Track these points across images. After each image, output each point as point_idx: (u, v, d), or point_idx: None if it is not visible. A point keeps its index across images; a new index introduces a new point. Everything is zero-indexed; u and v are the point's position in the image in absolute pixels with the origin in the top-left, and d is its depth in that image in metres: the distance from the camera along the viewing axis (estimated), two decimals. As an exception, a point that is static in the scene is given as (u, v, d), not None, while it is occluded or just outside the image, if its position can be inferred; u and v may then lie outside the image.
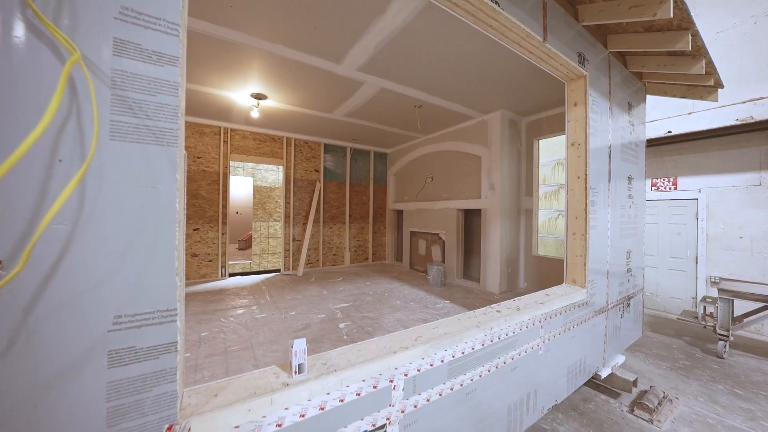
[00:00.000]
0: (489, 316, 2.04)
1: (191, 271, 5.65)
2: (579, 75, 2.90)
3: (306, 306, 4.27)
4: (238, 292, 4.96)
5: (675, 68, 3.25)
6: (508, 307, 2.25)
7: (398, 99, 4.60)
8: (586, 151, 2.89)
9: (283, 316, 3.85)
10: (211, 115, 5.46)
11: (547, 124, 5.13)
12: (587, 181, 2.87)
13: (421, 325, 1.77)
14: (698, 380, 3.60)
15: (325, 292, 5.05)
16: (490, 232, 5.18)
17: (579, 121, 2.95)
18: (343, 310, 4.10)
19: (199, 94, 4.47)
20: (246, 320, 3.67)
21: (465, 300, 4.70)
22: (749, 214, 5.05)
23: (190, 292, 4.88)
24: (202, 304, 4.22)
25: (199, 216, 5.73)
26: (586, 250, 2.87)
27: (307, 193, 7.05)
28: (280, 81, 4.05)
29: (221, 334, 3.21)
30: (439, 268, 5.48)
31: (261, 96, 4.55)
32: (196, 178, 5.70)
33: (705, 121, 5.43)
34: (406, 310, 4.17)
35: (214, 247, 5.88)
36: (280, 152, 6.68)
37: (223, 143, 5.98)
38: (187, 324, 3.47)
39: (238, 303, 4.36)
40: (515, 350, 2.12)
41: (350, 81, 3.99)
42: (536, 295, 2.63)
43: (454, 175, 6.09)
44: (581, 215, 2.92)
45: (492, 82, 4.03)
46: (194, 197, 5.69)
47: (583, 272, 2.90)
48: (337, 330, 3.39)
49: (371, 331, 3.38)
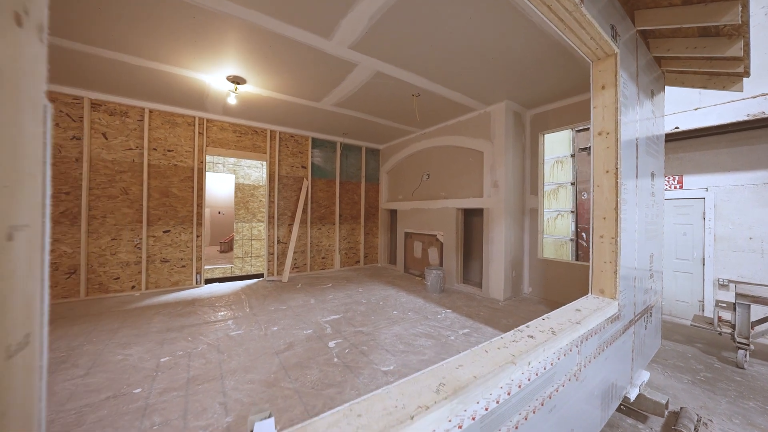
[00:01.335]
0: (522, 346, 1.59)
1: (161, 278, 5.01)
2: (609, 53, 2.50)
3: (290, 319, 3.74)
4: (213, 303, 4.38)
5: (707, 51, 2.90)
6: (541, 330, 1.81)
7: (395, 86, 4.13)
8: (616, 141, 2.48)
9: (263, 332, 3.32)
10: (183, 103, 4.84)
11: (553, 117, 4.77)
12: (618, 175, 2.47)
13: (441, 365, 1.30)
14: (725, 396, 3.27)
15: (313, 301, 4.52)
16: (493, 233, 4.78)
17: (608, 107, 2.55)
18: (334, 324, 3.60)
19: (166, 75, 3.87)
20: (219, 339, 3.12)
21: (468, 308, 4.27)
22: (759, 213, 4.85)
23: (157, 304, 4.26)
24: (168, 319, 3.63)
25: (170, 216, 5.10)
26: (617, 255, 2.46)
27: (294, 192, 6.49)
28: (259, 61, 3.51)
29: (186, 359, 2.66)
30: (438, 272, 5.04)
31: (238, 80, 3.99)
32: (166, 174, 5.07)
33: (713, 117, 5.21)
34: (404, 322, 3.71)
35: (188, 251, 5.26)
36: (263, 146, 6.10)
37: (198, 135, 5.36)
38: (145, 346, 2.89)
39: (212, 317, 3.79)
40: (552, 386, 1.68)
41: (341, 62, 3.49)
42: (565, 311, 2.20)
43: (452, 172, 5.67)
44: (611, 215, 2.52)
45: (498, 69, 3.61)
46: (165, 195, 5.06)
47: (613, 281, 2.50)
48: (327, 350, 2.89)
49: (367, 351, 2.89)
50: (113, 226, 4.61)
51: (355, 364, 2.64)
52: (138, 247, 4.80)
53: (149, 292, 4.82)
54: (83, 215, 4.36)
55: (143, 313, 3.83)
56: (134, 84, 4.13)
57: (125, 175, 4.71)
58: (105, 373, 2.36)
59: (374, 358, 2.76)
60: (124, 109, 4.67)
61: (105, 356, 2.64)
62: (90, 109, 4.42)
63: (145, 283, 4.83)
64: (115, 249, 4.62)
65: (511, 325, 3.67)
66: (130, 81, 4.04)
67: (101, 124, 4.51)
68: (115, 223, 4.63)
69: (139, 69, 3.71)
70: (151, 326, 3.39)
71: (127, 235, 4.71)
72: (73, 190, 4.32)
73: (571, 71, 3.71)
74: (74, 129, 4.32)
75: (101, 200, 4.52)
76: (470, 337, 3.28)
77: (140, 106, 4.76)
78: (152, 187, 4.95)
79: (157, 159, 4.99)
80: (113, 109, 4.59)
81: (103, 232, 4.53)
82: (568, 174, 7.31)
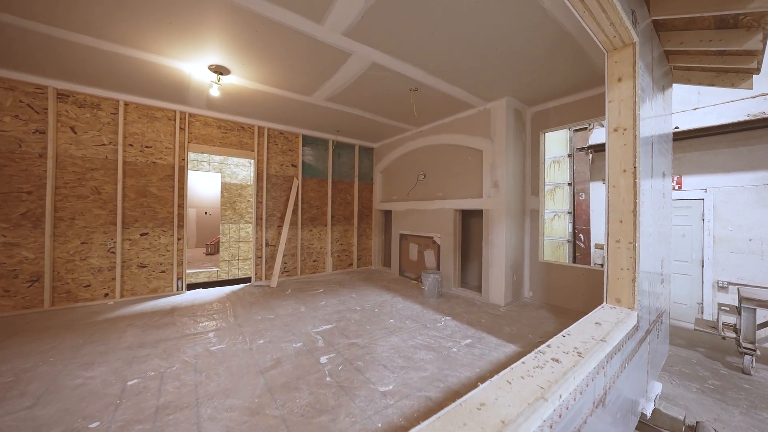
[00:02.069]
0: (549, 373, 1.35)
1: (138, 285, 4.63)
2: (627, 42, 2.29)
3: (279, 330, 3.44)
4: (194, 312, 4.04)
5: (723, 44, 2.73)
6: (565, 351, 1.59)
7: (392, 80, 3.88)
8: (634, 137, 2.28)
9: (248, 346, 3.01)
10: (162, 95, 4.48)
11: (554, 114, 4.60)
12: (636, 175, 2.27)
13: (459, 405, 1.06)
14: (737, 406, 3.12)
15: (303, 309, 4.23)
16: (493, 235, 4.58)
17: (625, 101, 2.35)
18: (326, 335, 3.32)
19: (142, 63, 3.52)
20: (197, 355, 2.80)
21: (468, 315, 4.05)
22: (759, 215, 4.79)
23: (132, 313, 3.90)
24: (142, 332, 3.29)
25: (148, 218, 4.72)
26: (636, 261, 2.26)
27: (283, 191, 6.16)
28: (244, 48, 3.20)
29: (157, 381, 2.34)
30: (436, 277, 4.81)
31: (222, 70, 3.67)
32: (144, 172, 4.69)
33: (712, 117, 5.14)
34: (402, 332, 3.45)
35: (168, 255, 4.88)
36: (250, 143, 5.76)
37: (180, 131, 4.99)
38: (111, 366, 2.56)
39: (191, 328, 3.46)
40: (581, 417, 1.45)
41: (334, 51, 3.22)
42: (585, 325, 1.99)
43: (450, 171, 5.45)
44: (628, 218, 2.32)
45: (501, 62, 3.40)
46: (142, 195, 4.68)
47: (631, 290, 2.30)
48: (318, 367, 2.61)
49: (362, 367, 2.63)
50: (83, 229, 4.21)
51: (350, 383, 2.37)
52: (112, 252, 4.41)
53: (124, 301, 4.44)
54: (48, 217, 3.95)
55: (114, 325, 3.47)
56: (106, 73, 3.76)
57: (97, 173, 4.31)
58: (58, 403, 2.03)
59: (371, 375, 2.49)
60: (96, 101, 4.28)
61: (62, 380, 2.30)
62: (56, 99, 4.01)
63: (119, 291, 4.45)
64: (86, 254, 4.23)
65: (515, 334, 3.46)
66: (101, 69, 3.67)
67: (69, 116, 4.10)
68: (86, 225, 4.23)
69: (112, 56, 3.35)
70: (121, 341, 3.04)
71: (99, 239, 4.32)
72: (36, 189, 3.91)
73: (576, 66, 3.52)
74: (37, 122, 3.91)
75: (69, 200, 4.12)
76: (473, 349, 3.05)
77: (114, 97, 4.37)
78: (128, 186, 4.56)
79: (134, 156, 4.61)
80: (83, 101, 4.19)
81: (72, 235, 4.13)
82: (564, 174, 7.20)
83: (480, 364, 2.73)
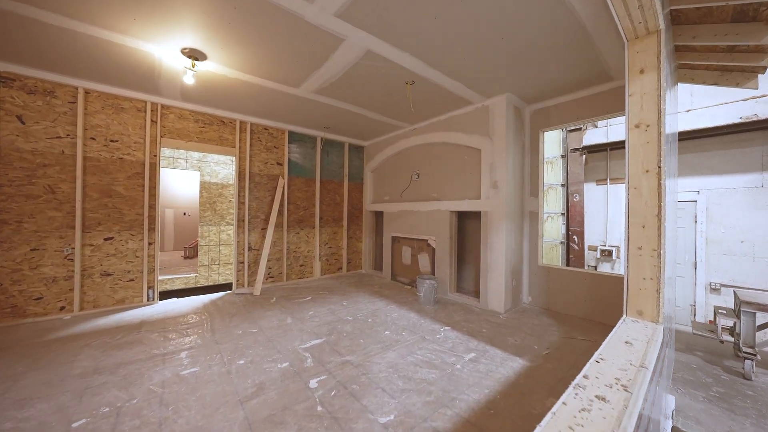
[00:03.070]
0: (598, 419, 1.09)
1: (101, 296, 4.12)
2: (651, 29, 2.09)
3: (262, 347, 3.07)
4: (165, 326, 3.60)
5: (738, 38, 2.58)
6: (607, 384, 1.34)
7: (387, 71, 3.58)
8: (659, 134, 2.07)
9: (226, 368, 2.63)
10: (130, 83, 4.00)
11: (555, 113, 4.43)
12: (661, 176, 2.07)
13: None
14: (746, 416, 3.00)
15: (290, 320, 3.86)
16: (492, 238, 4.36)
17: (648, 95, 2.13)
18: (315, 352, 2.98)
19: (105, 45, 3.06)
20: (165, 382, 2.40)
21: (468, 324, 3.80)
22: (751, 217, 4.82)
23: (92, 330, 3.42)
24: (100, 354, 2.84)
25: (113, 220, 4.22)
26: (661, 270, 2.06)
27: (268, 191, 5.75)
28: (222, 29, 2.82)
29: (111, 420, 1.94)
30: (432, 282, 4.55)
31: (197, 54, 3.26)
32: (109, 169, 4.19)
33: (705, 119, 5.14)
34: (399, 345, 3.16)
35: (137, 261, 4.39)
36: (231, 139, 5.32)
37: (151, 124, 4.51)
38: (56, 401, 2.13)
39: (161, 347, 3.03)
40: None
41: (325, 35, 2.89)
42: (615, 345, 1.75)
43: (445, 171, 5.21)
44: (652, 223, 2.11)
45: (505, 54, 3.16)
46: (106, 195, 4.17)
47: (655, 302, 2.09)
48: (308, 393, 2.28)
49: (358, 391, 2.31)
50: (34, 233, 3.68)
51: (344, 413, 2.06)
52: (69, 259, 3.89)
53: (84, 315, 3.93)
54: (-10, 220, 3.42)
55: (67, 346, 3.00)
56: (61, 54, 3.27)
57: (51, 170, 3.79)
58: (-24, 458, 1.61)
59: (368, 402, 2.18)
60: (49, 87, 3.76)
61: (-13, 424, 1.87)
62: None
63: (78, 303, 3.93)
64: (37, 262, 3.70)
65: (519, 345, 3.23)
66: (55, 50, 3.19)
67: (15, 104, 3.57)
68: (37, 229, 3.70)
69: (66, 34, 2.88)
70: (73, 366, 2.59)
71: (54, 244, 3.80)
72: (-25, 187, 3.37)
73: (582, 60, 3.34)
74: (-25, 109, 3.37)
75: (16, 200, 3.58)
76: (478, 365, 2.79)
77: (72, 84, 3.86)
78: (90, 184, 4.05)
79: (97, 151, 4.10)
80: (33, 87, 3.66)
81: (19, 240, 3.60)
82: (558, 175, 7.12)
83: (488, 384, 2.47)
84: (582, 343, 3.35)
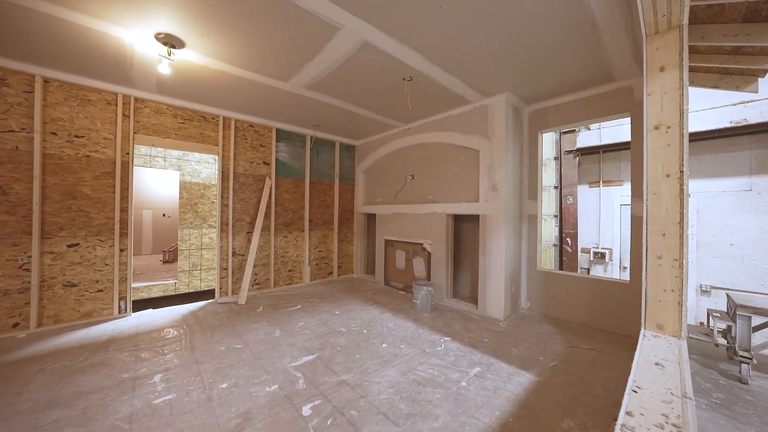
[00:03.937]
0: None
1: (64, 309, 3.69)
2: (674, 23, 1.95)
3: (247, 366, 2.77)
4: (138, 343, 3.23)
5: (748, 39, 2.50)
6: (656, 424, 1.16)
7: (384, 65, 3.35)
8: (681, 135, 1.94)
9: (206, 394, 2.33)
10: (97, 72, 3.60)
11: (554, 114, 4.32)
12: (683, 181, 1.93)
13: None
14: (750, 424, 2.93)
15: (278, 333, 3.57)
16: (491, 243, 4.21)
17: (669, 94, 2.00)
18: (307, 370, 2.71)
19: (67, 27, 2.68)
20: (133, 415, 2.08)
21: (468, 334, 3.62)
22: (740, 220, 4.89)
23: (50, 350, 3.01)
24: (58, 381, 2.47)
25: (79, 225, 3.79)
26: (683, 282, 1.92)
27: (254, 192, 5.40)
28: (203, 11, 2.51)
29: (64, 469, 1.62)
30: (429, 289, 4.35)
31: (173, 40, 2.93)
32: (73, 168, 3.76)
33: (695, 123, 5.18)
34: (398, 360, 2.93)
35: (107, 270, 3.97)
36: (214, 137, 4.95)
37: (123, 118, 4.10)
38: (-4, 445, 1.77)
39: (131, 370, 2.69)
40: None
41: (319, 22, 2.62)
42: (647, 370, 1.58)
43: (441, 173, 5.03)
44: (673, 231, 1.97)
45: (509, 50, 3.00)
46: (70, 196, 3.74)
47: (677, 315, 1.95)
48: (301, 424, 2.01)
49: (357, 419, 2.07)
50: (-18, 241, 3.23)
51: (344, 448, 1.81)
52: (25, 269, 3.45)
53: (43, 332, 3.49)
54: (-74, 225, 2.96)
55: (18, 372, 2.60)
56: (12, 36, 2.86)
57: (2, 168, 3.34)
58: None
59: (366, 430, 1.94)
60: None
61: None
62: (-61, 69, 3.02)
63: (36, 319, 3.49)
64: (-14, 273, 3.25)
65: (524, 357, 3.07)
66: (4, 30, 2.78)
67: (-42, 92, 3.12)
68: (-15, 235, 3.25)
69: (18, 11, 2.50)
70: (20, 398, 2.22)
71: (5, 252, 3.35)
72: None
73: (587, 59, 3.21)
74: None
75: (-40, 203, 3.13)
76: (485, 381, 2.60)
77: (27, 71, 3.42)
78: (50, 185, 3.61)
79: (59, 147, 3.67)
80: (-19, 73, 3.22)
81: (-37, 249, 3.14)
82: (551, 177, 7.09)
83: (498, 404, 2.28)
84: (587, 352, 3.23)
